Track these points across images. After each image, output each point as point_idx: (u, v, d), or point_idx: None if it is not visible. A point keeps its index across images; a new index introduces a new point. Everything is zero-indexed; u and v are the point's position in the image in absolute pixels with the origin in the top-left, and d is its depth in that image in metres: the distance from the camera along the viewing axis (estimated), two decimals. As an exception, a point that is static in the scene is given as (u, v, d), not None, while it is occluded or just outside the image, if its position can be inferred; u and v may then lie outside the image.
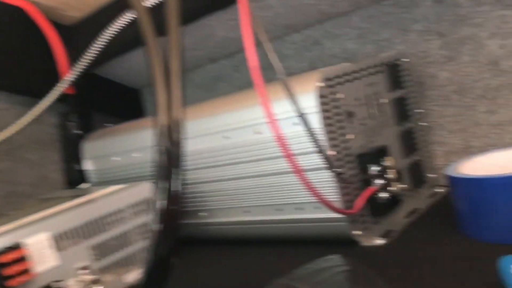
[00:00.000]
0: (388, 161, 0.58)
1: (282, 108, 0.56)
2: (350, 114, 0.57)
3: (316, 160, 0.55)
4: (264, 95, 0.43)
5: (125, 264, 0.62)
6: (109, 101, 1.15)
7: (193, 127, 0.66)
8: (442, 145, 0.73)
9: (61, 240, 0.56)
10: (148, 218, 0.65)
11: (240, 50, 0.95)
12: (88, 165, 0.83)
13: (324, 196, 0.48)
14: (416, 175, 0.67)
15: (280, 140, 0.44)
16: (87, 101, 1.06)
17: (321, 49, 0.84)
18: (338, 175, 0.49)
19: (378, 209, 0.58)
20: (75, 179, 1.07)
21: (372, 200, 0.57)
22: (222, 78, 1.00)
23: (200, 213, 0.69)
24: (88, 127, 1.07)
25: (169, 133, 0.39)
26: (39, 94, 1.03)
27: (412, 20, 0.72)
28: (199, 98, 1.04)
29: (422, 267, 0.47)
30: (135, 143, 0.74)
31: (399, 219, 0.61)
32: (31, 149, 1.04)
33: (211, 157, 0.65)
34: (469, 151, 0.71)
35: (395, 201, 0.60)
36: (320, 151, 0.47)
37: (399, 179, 0.61)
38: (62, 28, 1.01)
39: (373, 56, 0.71)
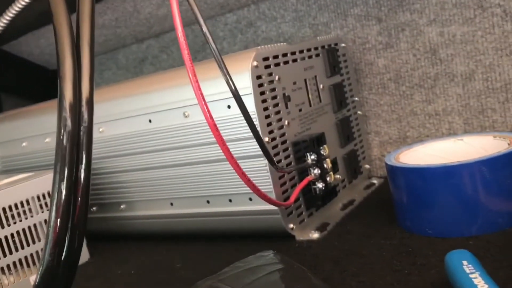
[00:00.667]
0: (324, 150, 0.54)
1: (214, 89, 0.51)
2: (286, 98, 0.53)
3: (248, 147, 0.50)
4: (193, 73, 0.38)
5: (29, 264, 0.54)
6: (21, 82, 1.04)
7: (112, 108, 0.59)
8: (378, 134, 0.71)
9: None
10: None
11: (169, 30, 0.89)
12: (-9, 152, 0.73)
13: (258, 187, 0.43)
14: (352, 165, 0.64)
15: (212, 124, 0.38)
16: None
17: (255, 31, 0.79)
18: (274, 163, 0.45)
19: (314, 200, 0.54)
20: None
21: (308, 191, 0.53)
22: (149, 59, 0.93)
23: (120, 206, 0.62)
24: (-4, 110, 0.96)
25: (75, 113, 0.32)
26: None
27: (351, 3, 0.69)
28: (122, 80, 0.97)
29: (360, 262, 0.44)
30: (47, 127, 0.66)
31: (335, 211, 0.58)
32: None
33: (133, 143, 0.58)
34: (405, 141, 0.69)
35: (331, 192, 0.56)
36: (257, 136, 0.42)
37: (334, 169, 0.58)
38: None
39: (311, 38, 0.68)
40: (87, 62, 0.34)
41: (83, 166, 0.32)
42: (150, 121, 0.56)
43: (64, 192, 0.31)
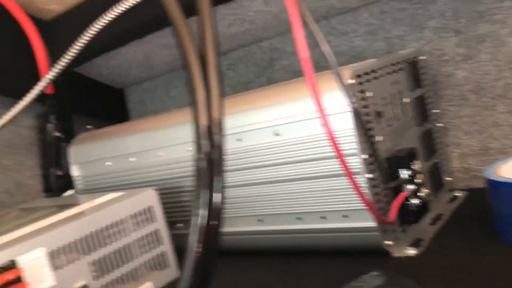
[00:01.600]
0: (416, 165, 0.54)
1: (305, 107, 0.51)
2: (378, 114, 0.53)
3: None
4: (315, 89, 0.38)
5: (126, 281, 0.56)
6: (90, 102, 1.07)
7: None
8: (458, 146, 0.70)
9: (57, 257, 0.50)
10: (150, 229, 0.59)
11: (236, 48, 0.90)
12: (74, 171, 0.76)
13: (370, 203, 0.44)
14: (435, 179, 0.64)
15: (332, 138, 0.39)
16: (67, 101, 0.98)
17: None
18: (386, 180, 0.45)
19: (408, 216, 0.54)
20: (53, 186, 0.99)
21: (402, 207, 0.53)
22: (216, 77, 0.94)
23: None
24: (68, 130, 0.99)
25: (209, 136, 0.33)
26: (15, 94, 0.95)
27: (428, 16, 0.69)
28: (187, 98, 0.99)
29: (470, 279, 0.43)
30: (130, 147, 0.68)
31: (425, 226, 0.57)
32: (6, 154, 0.96)
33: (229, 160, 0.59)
34: (488, 153, 0.68)
35: (424, 208, 0.56)
36: (374, 153, 0.42)
37: (424, 183, 0.58)
38: (41, 23, 0.93)
39: (392, 53, 0.68)
40: (215, 84, 0.35)
41: (219, 187, 0.33)
42: (239, 140, 0.57)
43: (204, 215, 0.32)
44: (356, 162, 0.49)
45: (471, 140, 0.69)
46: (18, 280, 0.45)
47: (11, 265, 0.45)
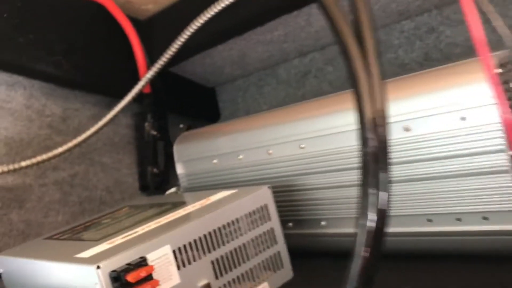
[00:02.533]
0: None
1: (443, 100, 0.47)
2: (522, 107, 0.48)
3: (490, 161, 0.46)
4: (491, 72, 0.35)
5: (244, 281, 0.54)
6: (182, 101, 1.08)
7: (331, 121, 0.57)
8: None
9: (182, 255, 0.49)
10: (265, 228, 0.57)
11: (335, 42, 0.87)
12: (178, 169, 0.76)
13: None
14: None
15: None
16: (163, 100, 0.99)
17: (437, 37, 0.74)
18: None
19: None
20: (150, 183, 1.01)
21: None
22: (312, 72, 0.92)
23: (321, 223, 0.61)
24: (164, 128, 1.01)
25: (374, 129, 0.31)
26: (115, 93, 0.97)
27: (561, -1, 0.63)
28: (285, 95, 0.97)
29: None
30: (238, 145, 0.67)
31: None
32: (105, 152, 0.98)
33: (334, 160, 0.56)
34: None
35: None
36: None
37: None
38: (137, 23, 0.95)
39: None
40: (376, 71, 0.32)
41: (386, 185, 0.30)
42: (406, 129, 0.54)
43: (372, 218, 0.29)
44: (501, 159, 0.45)
45: None
46: (150, 277, 0.44)
47: (143, 262, 0.45)
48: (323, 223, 0.60)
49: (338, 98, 0.59)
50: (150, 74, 0.89)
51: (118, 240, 0.50)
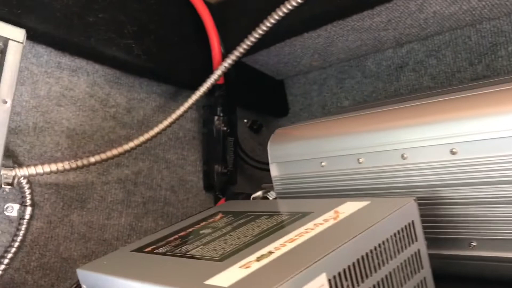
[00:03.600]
0: None
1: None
2: None
3: None
4: None
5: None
6: (250, 94, 0.98)
7: (477, 125, 0.47)
8: None
9: (337, 286, 0.39)
10: (412, 250, 0.47)
11: (446, 30, 0.77)
12: (273, 171, 0.66)
13: None
14: None
15: None
16: (234, 93, 0.89)
17: None
18: None
19: None
20: (216, 183, 0.91)
21: None
22: (410, 65, 0.82)
23: (471, 244, 0.51)
24: (233, 124, 0.91)
25: None
26: (183, 83, 0.87)
27: None
28: (372, 89, 0.86)
29: None
30: (356, 146, 0.57)
31: None
32: (170, 148, 0.89)
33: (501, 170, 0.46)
34: None
35: None
36: None
37: None
38: (208, 7, 0.85)
39: None
40: None
41: None
42: (453, 152, 0.44)
43: None
44: None
45: None
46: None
47: (303, 299, 0.35)
48: (473, 244, 0.51)
49: (496, 95, 0.49)
50: (226, 63, 0.79)
51: (253, 263, 0.40)
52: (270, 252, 0.42)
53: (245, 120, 1.01)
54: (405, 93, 0.80)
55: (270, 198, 0.69)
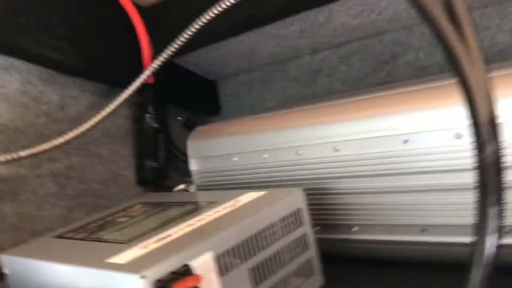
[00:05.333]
0: None
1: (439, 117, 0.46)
2: None
3: None
4: None
5: (277, 289, 0.52)
6: (183, 93, 1.04)
7: (358, 126, 0.55)
8: None
9: (222, 262, 0.46)
10: (298, 233, 0.55)
11: (353, 40, 0.85)
12: (192, 165, 0.72)
13: None
14: None
15: None
16: (165, 92, 0.95)
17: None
18: None
19: None
20: (148, 178, 0.96)
21: None
22: (324, 71, 0.90)
23: (352, 228, 0.59)
24: (164, 121, 0.96)
25: (490, 133, 0.28)
26: (115, 82, 0.92)
27: None
28: (294, 92, 0.94)
29: None
30: (264, 143, 0.64)
31: None
32: (102, 143, 0.93)
33: (382, 164, 0.54)
34: None
35: None
36: None
37: None
38: (139, 10, 0.90)
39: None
40: (480, 65, 0.30)
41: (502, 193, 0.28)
42: (405, 141, 0.52)
43: (492, 243, 0.27)
44: None
45: None
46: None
47: (186, 271, 0.42)
48: (354, 228, 0.59)
49: (375, 100, 0.57)
50: (156, 64, 0.85)
51: (152, 244, 0.46)
52: (169, 235, 0.48)
53: (179, 118, 1.06)
54: (320, 96, 0.88)
55: (191, 191, 0.75)
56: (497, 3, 0.69)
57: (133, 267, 0.41)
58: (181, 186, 0.79)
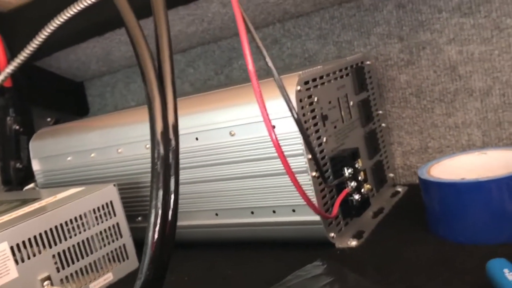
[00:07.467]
0: (359, 164, 0.59)
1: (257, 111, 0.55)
2: (324, 118, 0.58)
3: (294, 164, 0.55)
4: (261, 99, 0.42)
5: (88, 272, 0.59)
6: (50, 95, 1.08)
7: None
8: (400, 145, 0.76)
9: (21, 251, 0.52)
10: (111, 223, 0.62)
11: (196, 46, 0.93)
12: (35, 165, 0.77)
13: (309, 199, 0.48)
14: (378, 175, 0.69)
15: (274, 142, 0.43)
16: (25, 95, 0.99)
17: (280, 48, 0.83)
18: (325, 179, 0.50)
19: (350, 211, 0.59)
20: (12, 178, 1.00)
21: (344, 202, 0.58)
22: (175, 73, 0.97)
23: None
24: (28, 123, 1.00)
25: (165, 141, 0.37)
26: (-28, 87, 0.95)
27: (374, 23, 0.74)
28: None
29: (402, 268, 0.48)
30: (90, 143, 0.70)
31: (367, 219, 0.63)
32: (-37, 146, 0.96)
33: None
34: (427, 151, 0.74)
35: (365, 202, 0.61)
36: (313, 155, 0.47)
37: (366, 180, 0.63)
38: (-1, 16, 0.93)
39: (340, 58, 0.72)
40: (170, 93, 0.38)
41: (173, 187, 0.37)
42: (197, 139, 0.61)
43: (160, 214, 0.36)
44: (302, 162, 0.54)
45: (412, 139, 0.75)
46: (-17, 273, 0.47)
47: (-24, 259, 0.48)
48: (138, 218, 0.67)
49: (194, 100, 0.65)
50: (10, 68, 0.88)
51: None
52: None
53: (48, 119, 1.10)
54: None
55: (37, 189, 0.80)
56: (306, 14, 0.79)
57: None
58: (31, 185, 0.84)
